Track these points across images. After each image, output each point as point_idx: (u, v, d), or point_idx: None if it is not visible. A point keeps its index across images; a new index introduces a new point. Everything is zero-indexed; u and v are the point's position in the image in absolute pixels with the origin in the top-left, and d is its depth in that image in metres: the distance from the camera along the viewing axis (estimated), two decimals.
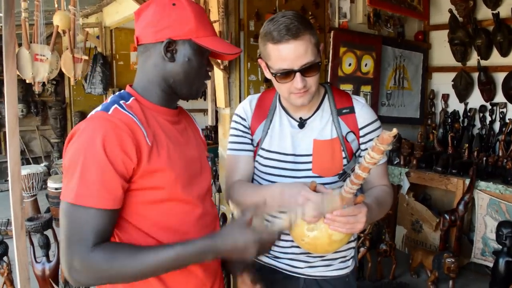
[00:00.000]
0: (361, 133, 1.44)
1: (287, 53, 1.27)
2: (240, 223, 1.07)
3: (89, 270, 0.99)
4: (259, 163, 1.48)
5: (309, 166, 1.43)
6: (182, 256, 1.02)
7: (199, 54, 1.16)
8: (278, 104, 1.50)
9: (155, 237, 1.11)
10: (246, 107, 1.52)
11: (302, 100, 1.35)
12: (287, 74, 1.30)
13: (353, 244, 1.56)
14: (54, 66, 3.00)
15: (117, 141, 1.01)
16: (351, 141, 1.43)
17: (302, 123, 1.45)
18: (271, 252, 1.51)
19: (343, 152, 1.42)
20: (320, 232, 1.21)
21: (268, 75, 1.39)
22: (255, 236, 1.05)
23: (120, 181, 1.02)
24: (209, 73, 1.23)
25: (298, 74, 1.28)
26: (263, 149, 1.47)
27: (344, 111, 1.45)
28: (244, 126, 1.51)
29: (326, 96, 1.48)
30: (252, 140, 1.50)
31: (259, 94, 1.56)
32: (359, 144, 1.45)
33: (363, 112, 1.45)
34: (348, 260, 1.55)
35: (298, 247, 1.41)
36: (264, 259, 1.54)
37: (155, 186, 1.09)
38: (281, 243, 1.47)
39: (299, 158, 1.43)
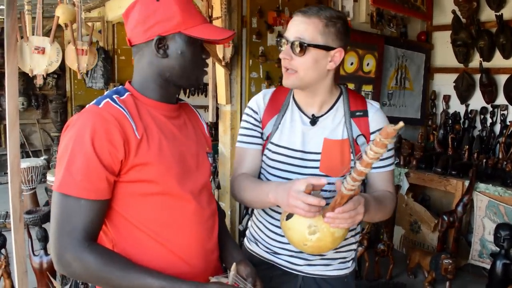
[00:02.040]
0: (372, 137, 1.43)
1: (291, 23, 1.36)
2: None
3: (79, 266, 1.02)
4: (267, 157, 1.49)
5: (317, 164, 1.42)
6: None
7: (191, 45, 1.16)
8: (291, 99, 1.51)
9: (145, 230, 1.13)
10: (259, 100, 1.53)
11: (287, 81, 1.39)
12: (281, 42, 1.37)
13: (354, 246, 1.56)
14: (54, 58, 2.99)
15: (105, 134, 1.04)
16: (361, 144, 1.42)
17: (314, 120, 1.45)
18: (271, 247, 1.52)
19: (351, 154, 1.42)
20: (322, 233, 1.19)
21: None
22: None
23: (105, 173, 1.04)
24: (207, 60, 1.25)
25: (287, 45, 1.35)
26: (272, 143, 1.47)
27: (357, 113, 1.45)
28: (255, 119, 1.51)
29: (341, 97, 1.48)
30: (262, 133, 1.50)
31: (273, 89, 1.57)
32: None
33: (376, 117, 1.45)
34: (348, 261, 1.55)
35: None
36: (263, 254, 1.54)
37: (145, 179, 1.11)
38: (281, 239, 1.47)
39: (308, 155, 1.43)
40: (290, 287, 1.51)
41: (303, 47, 1.32)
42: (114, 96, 1.13)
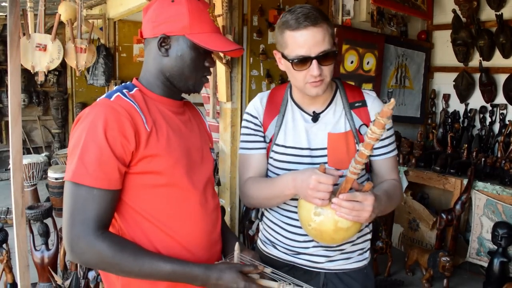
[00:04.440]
0: None
1: (305, 39, 1.29)
2: (238, 269, 1.11)
3: (93, 254, 1.05)
4: (274, 159, 1.49)
5: (325, 159, 1.44)
6: (176, 274, 1.09)
7: (193, 50, 1.19)
8: (289, 99, 1.51)
9: (152, 221, 1.17)
10: (257, 104, 1.53)
11: (317, 90, 1.36)
12: (304, 61, 1.31)
13: (369, 236, 1.58)
14: (55, 55, 3.01)
15: (117, 125, 1.08)
16: (364, 134, 1.45)
17: (315, 117, 1.46)
18: (291, 248, 1.51)
19: (356, 145, 1.44)
20: (326, 217, 1.23)
21: (282, 67, 1.40)
22: (245, 287, 1.09)
23: (117, 163, 1.08)
24: (210, 68, 1.27)
25: (314, 61, 1.30)
26: (277, 144, 1.48)
27: (356, 104, 1.47)
28: (255, 124, 1.51)
29: (338, 90, 1.50)
30: (264, 136, 1.51)
31: (269, 91, 1.57)
32: None
33: (375, 105, 1.47)
34: (366, 252, 1.57)
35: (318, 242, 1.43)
36: (283, 256, 1.54)
37: (154, 171, 1.14)
38: (302, 238, 1.48)
39: (315, 152, 1.45)
40: (313, 285, 1.50)
41: (334, 56, 1.32)
42: (124, 91, 1.17)
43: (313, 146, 1.45)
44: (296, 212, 1.44)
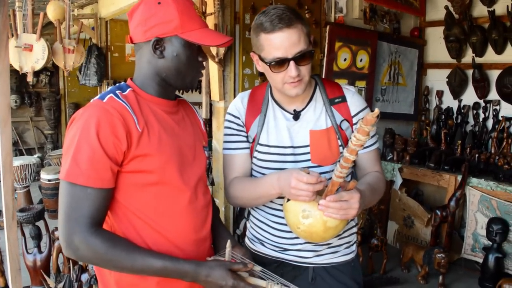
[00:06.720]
0: (354, 120, 1.48)
1: (281, 41, 1.29)
2: (227, 266, 1.14)
3: (87, 250, 1.09)
4: (258, 159, 1.49)
5: (308, 156, 1.45)
6: (167, 270, 1.13)
7: (188, 48, 1.22)
8: (270, 98, 1.51)
9: (143, 218, 1.20)
10: (238, 104, 1.54)
11: (296, 90, 1.36)
12: (281, 63, 1.31)
13: (355, 229, 1.60)
14: (39, 55, 2.97)
15: (109, 126, 1.10)
16: (346, 129, 1.47)
17: (296, 115, 1.47)
18: (279, 245, 1.52)
19: (338, 140, 1.45)
20: (314, 219, 1.24)
21: (260, 68, 1.41)
22: (233, 285, 1.12)
23: (109, 163, 1.11)
24: (203, 63, 1.29)
25: (292, 63, 1.30)
26: (261, 144, 1.48)
27: (336, 100, 1.48)
28: (238, 124, 1.52)
29: (317, 87, 1.51)
30: (247, 136, 1.51)
31: (249, 91, 1.57)
32: (353, 131, 1.48)
33: (354, 100, 1.49)
34: (352, 245, 1.59)
35: None
36: (271, 253, 1.55)
37: (145, 170, 1.17)
38: (289, 235, 1.49)
39: (298, 149, 1.46)
40: (302, 280, 1.51)
41: (310, 55, 1.33)
42: (117, 92, 1.20)
43: (296, 144, 1.46)
44: (282, 210, 1.45)
